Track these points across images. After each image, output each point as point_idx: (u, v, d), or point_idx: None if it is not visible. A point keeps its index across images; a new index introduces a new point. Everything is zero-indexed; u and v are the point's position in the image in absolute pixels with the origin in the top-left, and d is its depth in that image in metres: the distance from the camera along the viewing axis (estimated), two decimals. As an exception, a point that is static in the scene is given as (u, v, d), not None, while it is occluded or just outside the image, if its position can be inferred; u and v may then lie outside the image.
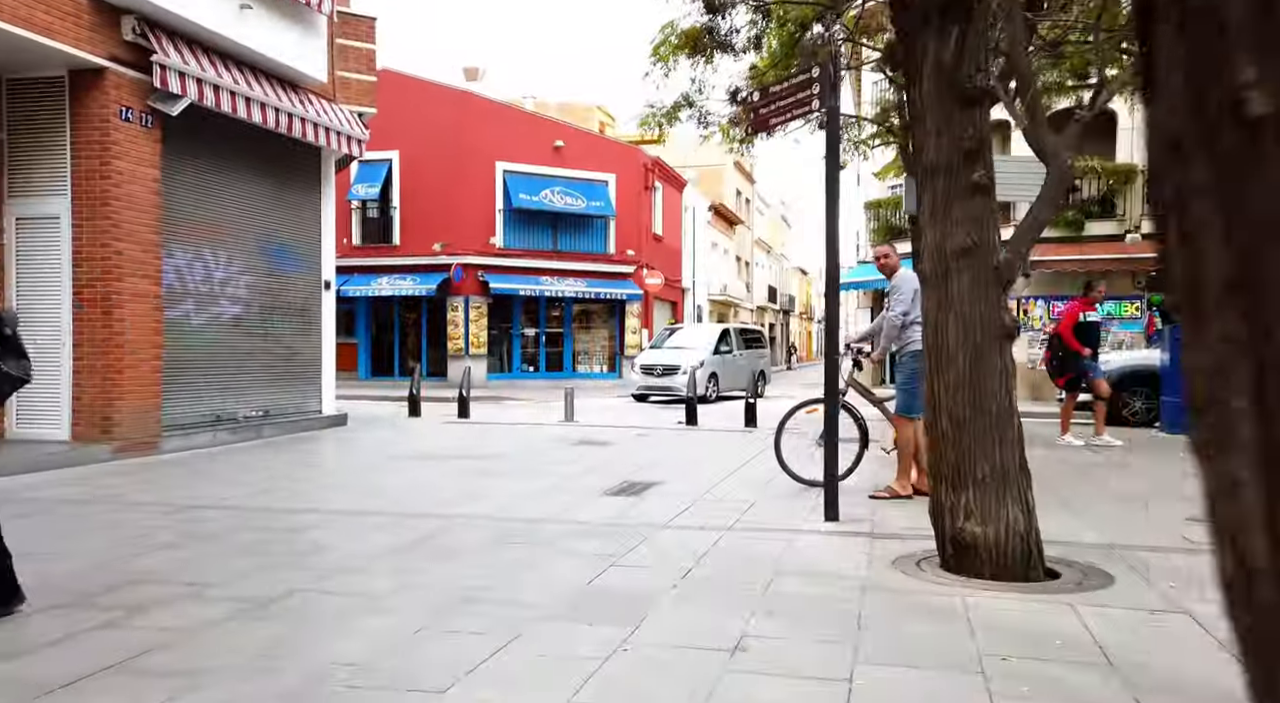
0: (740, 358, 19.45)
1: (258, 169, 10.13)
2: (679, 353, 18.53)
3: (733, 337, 19.70)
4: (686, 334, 20.07)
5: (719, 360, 18.52)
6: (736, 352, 19.46)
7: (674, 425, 12.25)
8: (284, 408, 10.62)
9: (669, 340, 19.84)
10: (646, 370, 18.49)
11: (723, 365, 18.53)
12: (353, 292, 22.76)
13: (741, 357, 19.56)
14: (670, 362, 18.23)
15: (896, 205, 21.36)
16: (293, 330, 10.81)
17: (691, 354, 18.29)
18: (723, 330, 19.82)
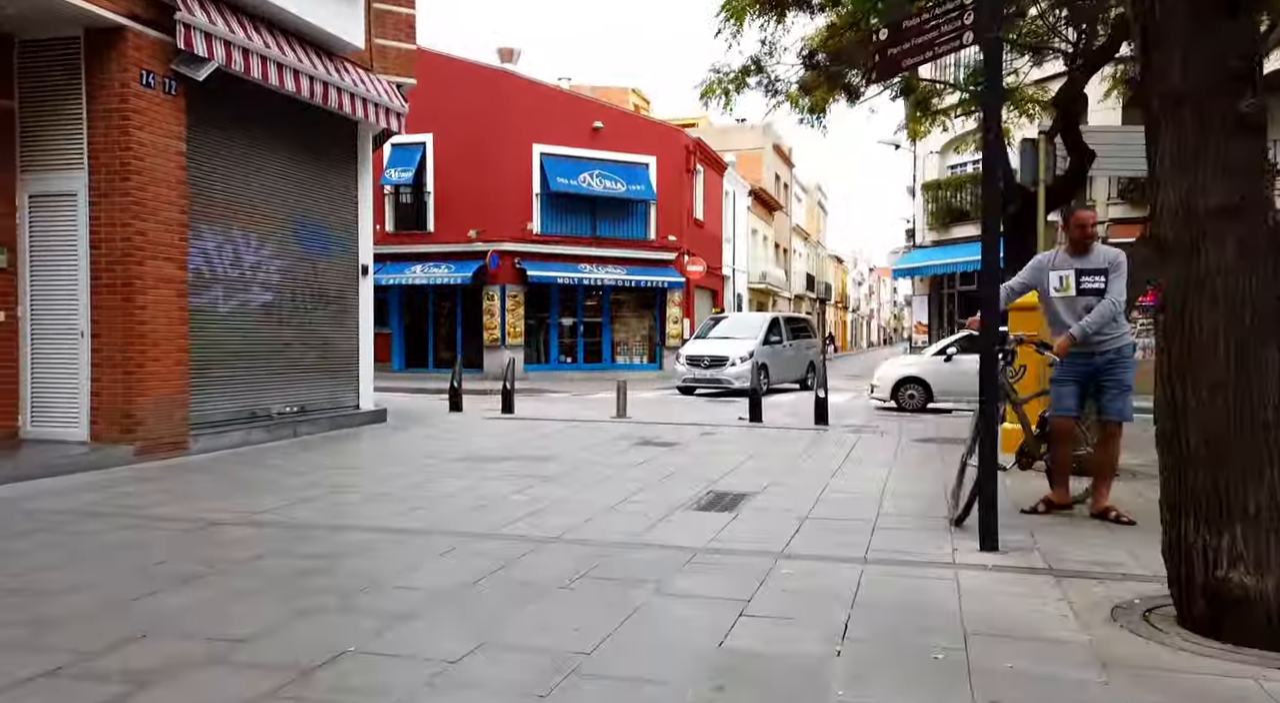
0: (790, 349, 18.52)
1: (291, 144, 9.33)
2: (726, 344, 17.60)
3: (782, 326, 18.74)
4: (732, 323, 19.12)
5: (769, 351, 17.55)
6: (786, 342, 18.51)
7: (736, 423, 11.33)
8: (320, 403, 9.85)
9: (714, 330, 18.90)
10: (693, 362, 17.57)
11: (773, 357, 17.55)
12: (386, 280, 22.04)
13: (791, 347, 18.62)
14: (718, 352, 17.33)
15: (958, 186, 20.22)
16: (328, 319, 10.03)
17: (740, 345, 17.37)
18: (772, 319, 18.86)
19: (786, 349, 18.33)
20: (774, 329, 18.24)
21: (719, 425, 10.86)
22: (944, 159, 20.95)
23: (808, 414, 13.14)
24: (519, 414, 12.20)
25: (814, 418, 11.07)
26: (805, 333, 20.33)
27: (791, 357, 18.33)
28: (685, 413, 12.99)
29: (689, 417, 12.27)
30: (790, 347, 18.56)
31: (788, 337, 18.66)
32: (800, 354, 19.11)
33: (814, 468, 7.31)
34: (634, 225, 24.02)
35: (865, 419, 12.00)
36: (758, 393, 11.43)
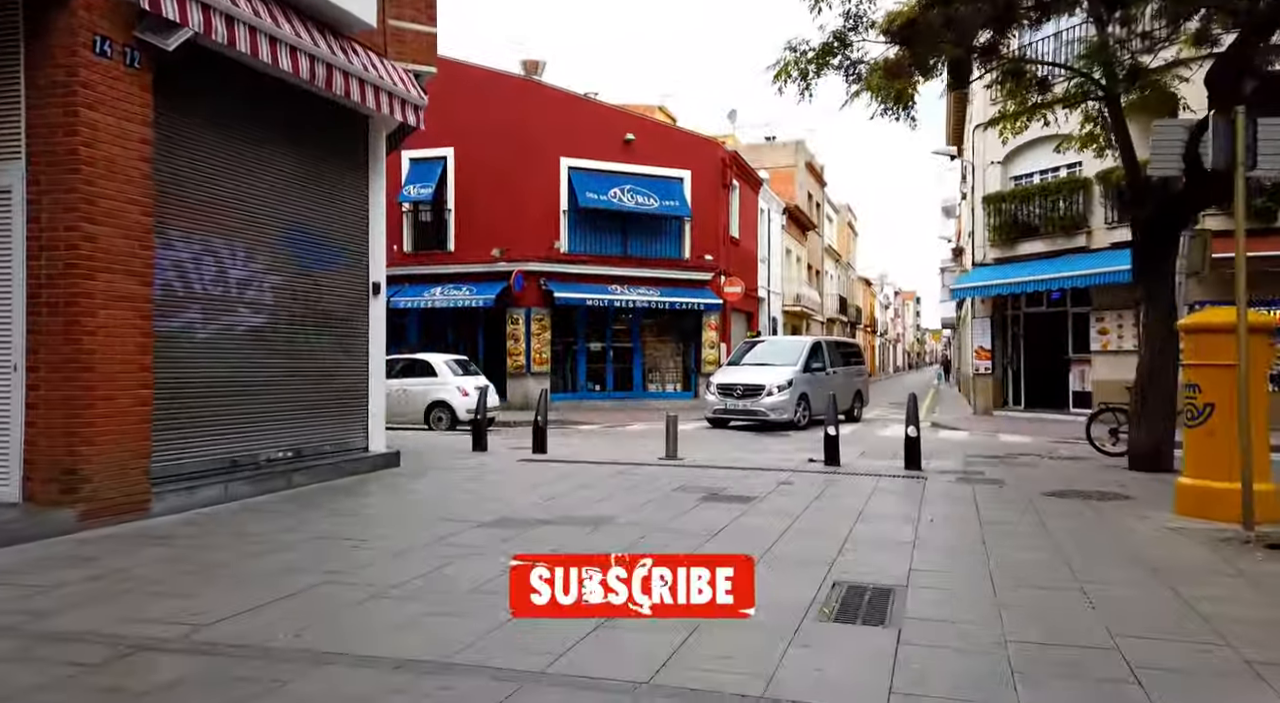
0: (836, 376, 16.77)
1: (289, 138, 7.86)
2: (762, 371, 15.88)
3: (825, 352, 16.99)
4: (769, 348, 17.38)
5: (809, 379, 15.87)
6: (830, 369, 16.79)
7: (808, 466, 9.63)
8: (320, 447, 8.28)
9: (749, 356, 17.18)
10: (725, 391, 15.87)
11: (815, 385, 15.84)
12: (404, 303, 20.62)
13: (837, 375, 16.88)
14: (753, 381, 15.60)
15: (1024, 199, 18.53)
16: (332, 346, 8.49)
17: (777, 372, 15.67)
18: (814, 343, 17.13)
19: (833, 376, 16.61)
20: (816, 355, 16.53)
21: (790, 470, 9.17)
22: (1006, 170, 19.29)
23: (880, 451, 11.47)
24: (553, 454, 10.59)
25: (904, 460, 9.36)
26: (855, 359, 18.59)
27: (839, 385, 16.57)
28: (740, 452, 11.30)
29: (747, 457, 10.59)
30: (836, 374, 16.86)
31: (832, 363, 16.95)
32: (849, 382, 17.39)
33: (954, 541, 5.62)
34: (667, 244, 22.49)
35: (958, 461, 10.26)
36: (833, 438, 9.70)
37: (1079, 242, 17.40)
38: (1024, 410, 19.39)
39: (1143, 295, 8.91)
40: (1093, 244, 17.25)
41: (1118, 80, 9.04)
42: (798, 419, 15.40)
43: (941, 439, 14.85)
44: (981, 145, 19.76)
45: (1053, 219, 17.75)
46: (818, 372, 16.26)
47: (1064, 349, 18.56)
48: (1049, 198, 17.88)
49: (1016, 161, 19.24)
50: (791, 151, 36.71)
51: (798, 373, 15.79)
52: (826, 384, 16.04)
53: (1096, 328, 17.32)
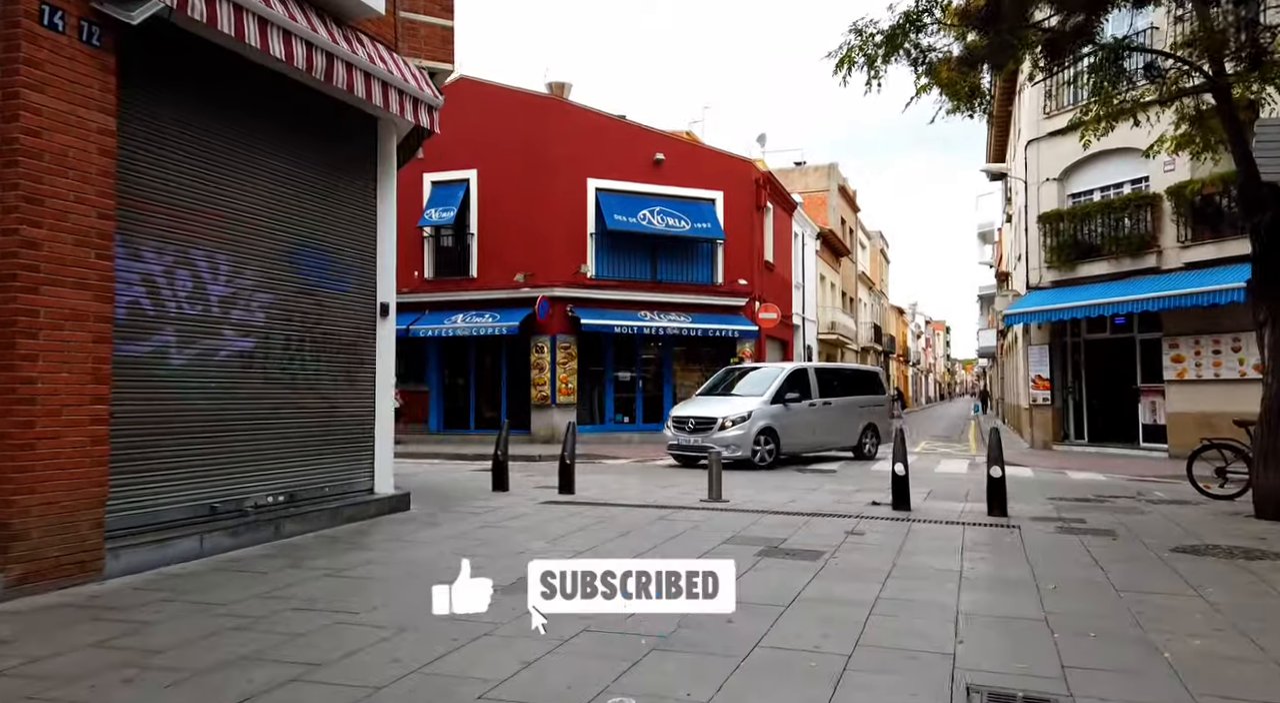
0: (827, 408, 14.90)
1: (284, 138, 6.94)
2: (723, 403, 14.33)
3: (810, 380, 14.92)
4: (748, 377, 15.42)
5: (780, 412, 14.04)
6: (817, 400, 14.78)
7: (870, 510, 8.43)
8: (318, 489, 7.24)
9: (724, 385, 15.47)
10: (679, 424, 14.26)
11: (787, 418, 14.11)
12: (424, 332, 19.73)
13: (829, 406, 14.95)
14: (706, 414, 14.00)
15: (1084, 217, 17.29)
16: (334, 374, 7.48)
17: (737, 404, 14.07)
18: (792, 372, 14.99)
19: (821, 409, 14.73)
20: (794, 384, 14.54)
21: (854, 516, 7.97)
22: (1064, 186, 18.08)
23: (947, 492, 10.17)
24: (581, 495, 9.48)
25: (987, 504, 8.13)
26: (865, 388, 16.21)
27: (834, 418, 14.95)
28: (788, 493, 10.10)
29: (799, 499, 9.40)
30: (827, 405, 14.88)
31: (823, 393, 14.89)
32: (851, 414, 15.40)
33: (1098, 620, 4.40)
34: (699, 268, 21.45)
35: (1043, 505, 8.99)
36: (901, 479, 8.48)
37: (1148, 262, 16.11)
38: (1088, 445, 17.96)
39: (1266, 316, 7.67)
40: (1164, 265, 15.94)
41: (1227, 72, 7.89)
42: (756, 458, 13.60)
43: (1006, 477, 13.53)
44: (1035, 161, 18.60)
45: (1117, 238, 16.48)
46: (794, 403, 14.31)
47: (1131, 378, 17.17)
48: (1113, 216, 16.63)
49: (1075, 178, 18.04)
50: (824, 175, 35.71)
51: (762, 405, 13.92)
52: (809, 417, 14.43)
53: (1170, 356, 15.94)
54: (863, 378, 16.92)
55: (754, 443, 13.65)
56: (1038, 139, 18.52)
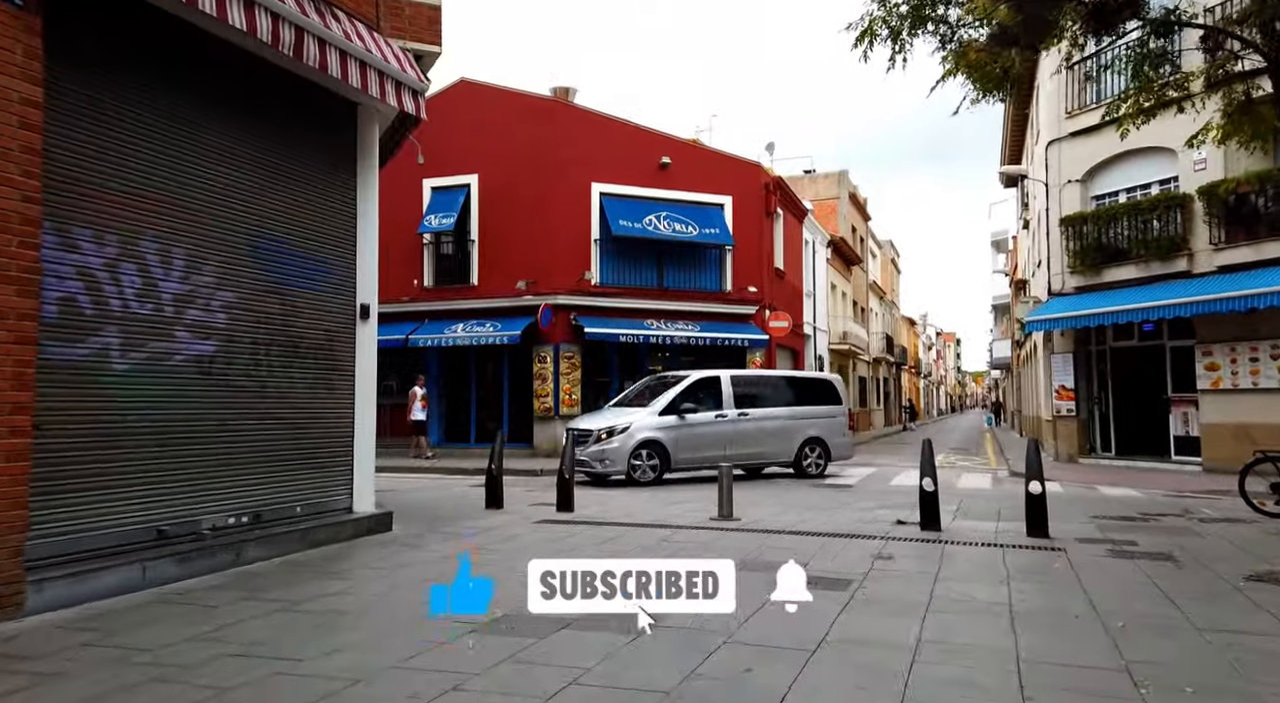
0: (741, 421, 13.47)
1: (251, 122, 6.32)
2: (613, 414, 13.50)
3: (725, 389, 13.56)
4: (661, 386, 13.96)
5: (669, 424, 12.97)
6: (731, 411, 13.43)
7: (895, 529, 7.71)
8: (288, 509, 6.56)
9: (637, 395, 14.31)
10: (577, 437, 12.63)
11: (679, 431, 13.01)
12: (423, 341, 19.09)
13: (744, 418, 13.51)
14: (587, 425, 13.18)
15: (1110, 219, 16.54)
16: (307, 382, 6.82)
17: (622, 415, 13.21)
18: (696, 380, 13.64)
19: (731, 421, 13.35)
20: (695, 394, 13.38)
21: (880, 537, 7.23)
22: (1087, 188, 17.34)
23: (977, 510, 9.27)
24: (581, 513, 8.79)
25: (1026, 524, 7.39)
26: (810, 398, 14.49)
27: (752, 431, 13.47)
28: (805, 511, 9.36)
29: (817, 518, 8.66)
30: (742, 418, 13.45)
31: (742, 404, 13.55)
32: (782, 427, 13.90)
33: (1189, 672, 3.67)
34: (707, 275, 20.77)
35: (1085, 524, 8.23)
36: (929, 498, 7.76)
37: (1178, 266, 15.34)
38: (1115, 457, 17.13)
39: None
40: (1195, 268, 15.18)
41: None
42: (637, 474, 12.68)
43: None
44: (1056, 163, 17.88)
45: (1145, 241, 15.72)
46: (692, 414, 13.16)
47: (1161, 388, 16.36)
48: (1140, 217, 15.86)
49: (1098, 179, 17.31)
50: (834, 183, 35.04)
51: (647, 416, 12.94)
52: (716, 430, 13.08)
53: (1204, 364, 15.15)
54: (811, 387, 15.09)
55: (631, 458, 12.70)
56: (1059, 140, 17.81)
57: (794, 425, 14.06)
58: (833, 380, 15.48)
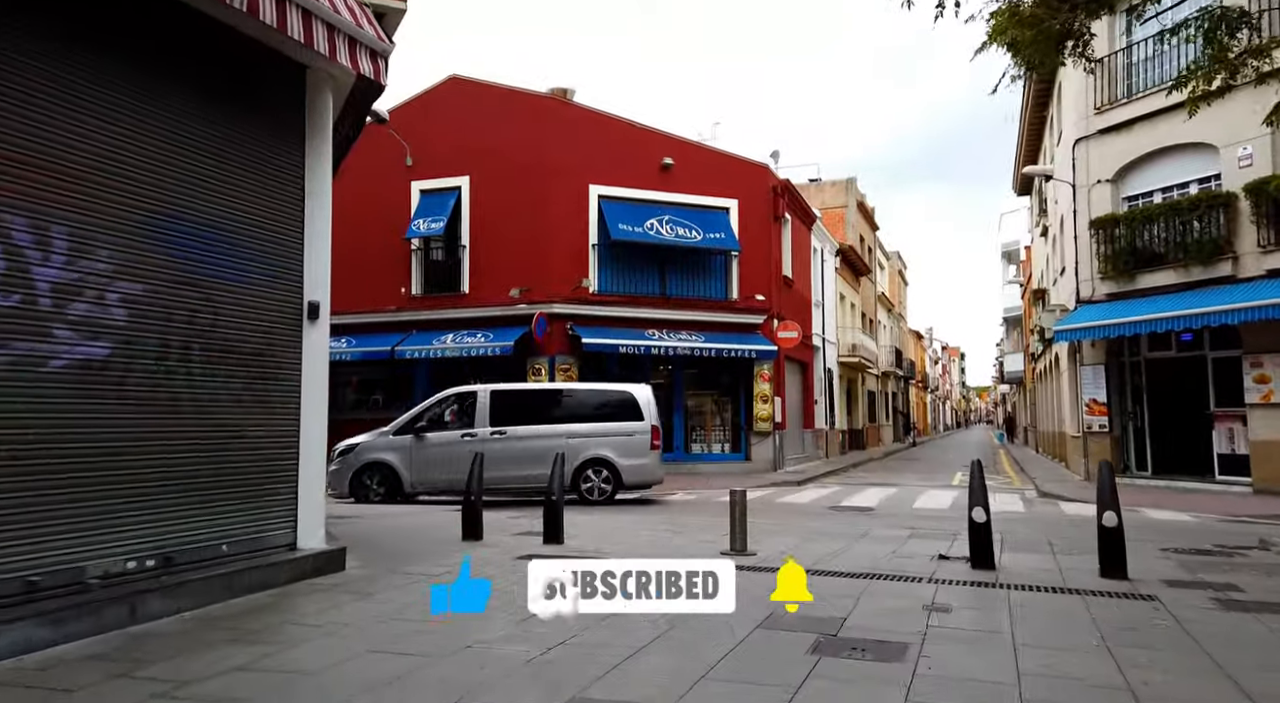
0: (497, 440, 12.22)
1: (164, 78, 5.21)
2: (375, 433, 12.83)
3: (482, 405, 12.51)
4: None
5: (404, 444, 12.35)
6: (484, 429, 12.31)
7: (938, 566, 6.52)
8: (210, 548, 5.39)
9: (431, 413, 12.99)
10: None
11: (417, 452, 12.30)
12: (410, 352, 17.96)
13: (501, 437, 12.30)
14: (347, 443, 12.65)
15: (1146, 220, 15.42)
16: (237, 394, 5.66)
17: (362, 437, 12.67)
18: (444, 397, 12.90)
19: (483, 440, 12.11)
20: (438, 411, 12.71)
21: (925, 579, 6.05)
22: (1118, 188, 16.25)
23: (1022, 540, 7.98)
24: (570, 545, 7.63)
25: (1100, 562, 6.21)
26: (600, 414, 12.89)
27: (512, 452, 12.14)
28: (828, 541, 8.17)
29: (840, 549, 7.47)
30: (498, 437, 12.30)
31: (504, 420, 12.45)
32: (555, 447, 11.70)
33: None
34: (712, 283, 19.65)
35: (1156, 558, 7.02)
36: (983, 533, 6.57)
37: (1221, 270, 14.20)
38: (1151, 477, 15.92)
39: None
40: (1241, 273, 14.03)
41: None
42: (357, 496, 12.17)
43: (1070, 516, 11.58)
44: (1084, 162, 16.78)
45: (1185, 244, 14.58)
46: (434, 433, 12.40)
47: (1202, 402, 15.18)
48: (1179, 219, 14.73)
49: (1131, 179, 16.20)
50: (841, 191, 34.00)
51: (374, 437, 12.55)
52: (465, 450, 11.39)
53: (1252, 376, 13.96)
54: (607, 402, 13.11)
55: (351, 481, 12.18)
56: (1086, 137, 16.73)
57: (572, 445, 12.42)
58: (634, 394, 13.02)
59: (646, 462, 12.68)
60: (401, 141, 18.78)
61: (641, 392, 13.06)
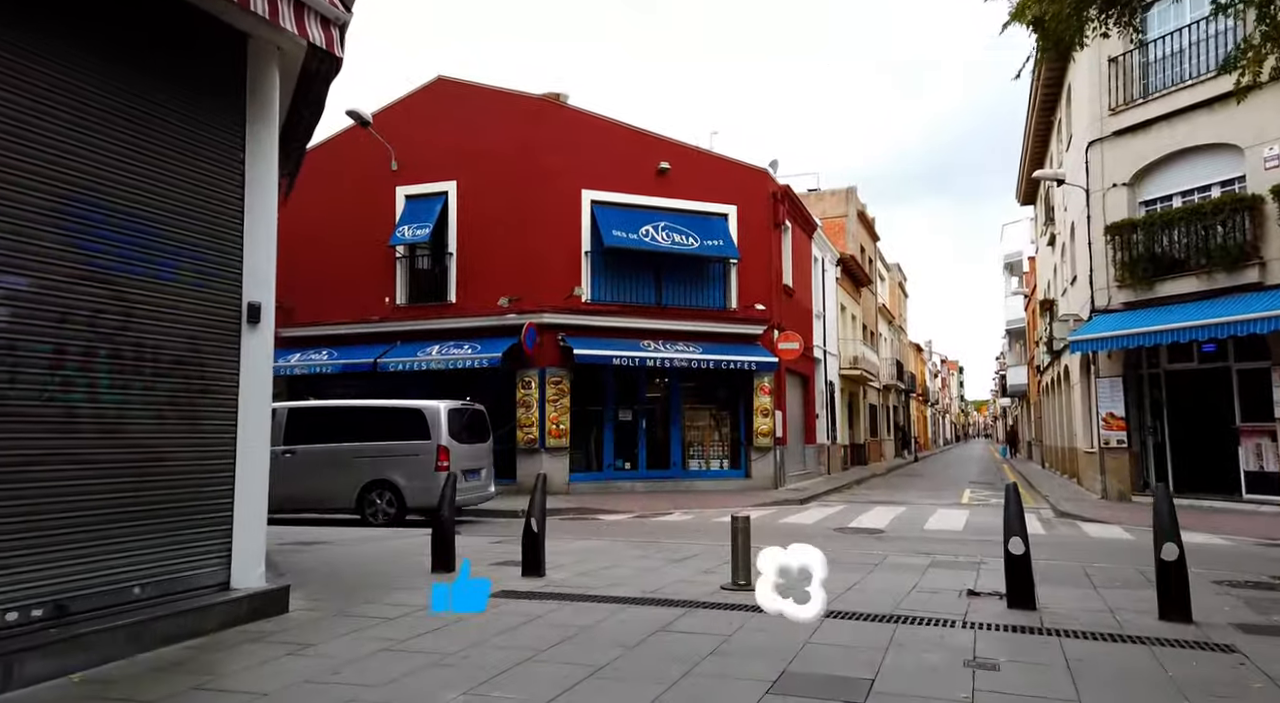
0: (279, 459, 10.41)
1: (72, 37, 4.43)
2: None
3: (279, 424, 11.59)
4: None
5: None
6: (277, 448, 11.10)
7: (971, 604, 5.70)
8: (117, 592, 4.56)
9: None
10: None
11: None
12: (394, 365, 17.13)
13: (284, 456, 11.59)
14: None
15: (1164, 225, 14.68)
16: (156, 411, 4.85)
17: None
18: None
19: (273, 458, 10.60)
20: None
21: (956, 623, 5.22)
22: (1135, 192, 15.53)
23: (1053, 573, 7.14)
24: (552, 578, 6.80)
25: (1160, 603, 5.39)
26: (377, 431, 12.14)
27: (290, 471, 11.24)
28: (843, 573, 7.32)
29: (855, 582, 6.63)
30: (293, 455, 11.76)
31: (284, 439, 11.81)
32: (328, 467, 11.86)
33: None
34: (710, 292, 18.87)
35: (1218, 596, 6.19)
36: (1021, 557, 5.76)
37: (1247, 277, 13.45)
38: (1174, 495, 15.05)
39: None
40: (1269, 279, 13.28)
41: None
42: None
43: (1097, 540, 10.76)
44: (1098, 165, 16.06)
45: (1208, 250, 13.84)
46: None
47: (1227, 416, 14.39)
48: (1201, 223, 13.99)
49: (1149, 182, 15.47)
50: (841, 200, 33.33)
51: None
52: None
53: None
54: (393, 420, 12.20)
55: None
56: (1100, 140, 16.02)
57: (358, 464, 11.80)
58: (423, 410, 12.05)
59: (432, 484, 11.38)
60: (386, 145, 18.03)
61: (432, 408, 12.12)
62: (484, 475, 13.01)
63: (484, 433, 13.32)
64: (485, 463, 13.08)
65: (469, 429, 12.77)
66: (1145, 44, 15.28)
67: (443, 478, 11.68)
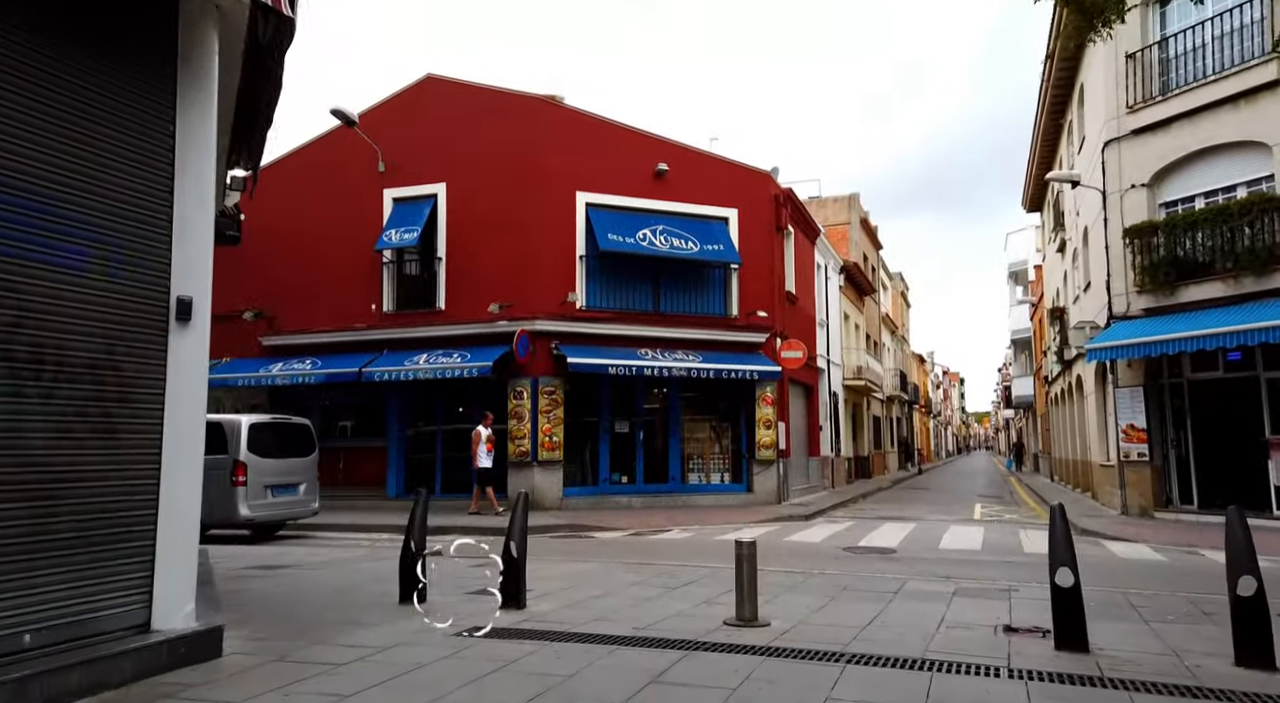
0: None
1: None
2: None
3: None
4: None
5: None
6: None
7: (1018, 650, 4.96)
8: (7, 639, 3.81)
9: None
10: None
11: None
12: (380, 374, 16.39)
13: None
14: None
15: (1186, 228, 13.98)
16: (58, 424, 4.12)
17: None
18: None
19: None
20: None
21: (998, 669, 4.47)
22: (1155, 194, 14.85)
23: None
24: (533, 611, 6.05)
25: (1237, 647, 4.64)
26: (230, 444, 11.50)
27: None
28: (859, 602, 6.57)
29: (875, 615, 5.88)
30: None
31: None
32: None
33: None
34: (710, 298, 18.15)
35: None
36: (1070, 589, 5.01)
37: (1277, 281, 12.77)
38: (1198, 511, 14.34)
39: None
40: (1301, 282, 12.58)
41: None
42: None
43: (1126, 561, 10.02)
44: (1115, 166, 15.39)
45: (1235, 252, 13.14)
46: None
47: (1257, 427, 13.66)
48: (1227, 225, 13.30)
49: (1169, 183, 14.79)
50: (844, 207, 32.68)
51: None
52: None
53: (1317, 397, 12.44)
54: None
55: None
56: (1118, 139, 15.35)
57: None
58: (222, 424, 11.61)
59: (231, 502, 11.31)
60: (373, 146, 17.37)
61: (231, 422, 11.79)
62: (302, 491, 12.52)
63: (304, 448, 12.74)
64: (303, 478, 12.57)
65: (283, 444, 12.32)
66: (1165, 39, 14.66)
67: (242, 493, 11.39)
